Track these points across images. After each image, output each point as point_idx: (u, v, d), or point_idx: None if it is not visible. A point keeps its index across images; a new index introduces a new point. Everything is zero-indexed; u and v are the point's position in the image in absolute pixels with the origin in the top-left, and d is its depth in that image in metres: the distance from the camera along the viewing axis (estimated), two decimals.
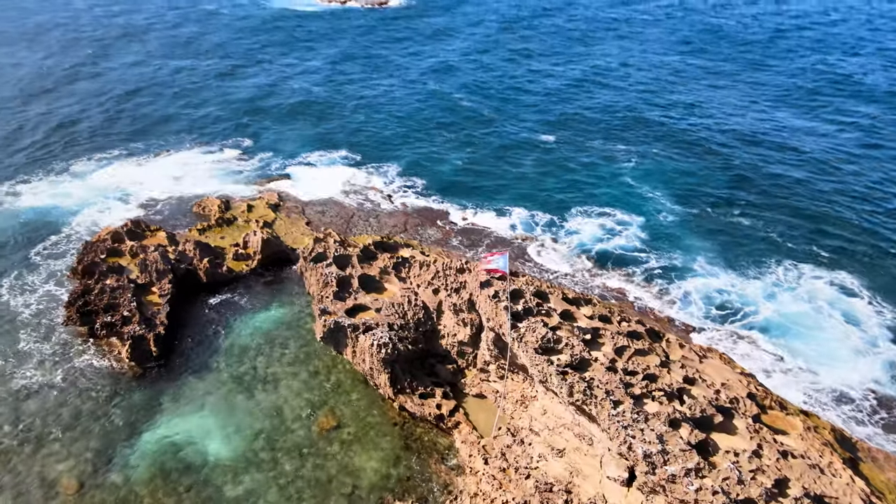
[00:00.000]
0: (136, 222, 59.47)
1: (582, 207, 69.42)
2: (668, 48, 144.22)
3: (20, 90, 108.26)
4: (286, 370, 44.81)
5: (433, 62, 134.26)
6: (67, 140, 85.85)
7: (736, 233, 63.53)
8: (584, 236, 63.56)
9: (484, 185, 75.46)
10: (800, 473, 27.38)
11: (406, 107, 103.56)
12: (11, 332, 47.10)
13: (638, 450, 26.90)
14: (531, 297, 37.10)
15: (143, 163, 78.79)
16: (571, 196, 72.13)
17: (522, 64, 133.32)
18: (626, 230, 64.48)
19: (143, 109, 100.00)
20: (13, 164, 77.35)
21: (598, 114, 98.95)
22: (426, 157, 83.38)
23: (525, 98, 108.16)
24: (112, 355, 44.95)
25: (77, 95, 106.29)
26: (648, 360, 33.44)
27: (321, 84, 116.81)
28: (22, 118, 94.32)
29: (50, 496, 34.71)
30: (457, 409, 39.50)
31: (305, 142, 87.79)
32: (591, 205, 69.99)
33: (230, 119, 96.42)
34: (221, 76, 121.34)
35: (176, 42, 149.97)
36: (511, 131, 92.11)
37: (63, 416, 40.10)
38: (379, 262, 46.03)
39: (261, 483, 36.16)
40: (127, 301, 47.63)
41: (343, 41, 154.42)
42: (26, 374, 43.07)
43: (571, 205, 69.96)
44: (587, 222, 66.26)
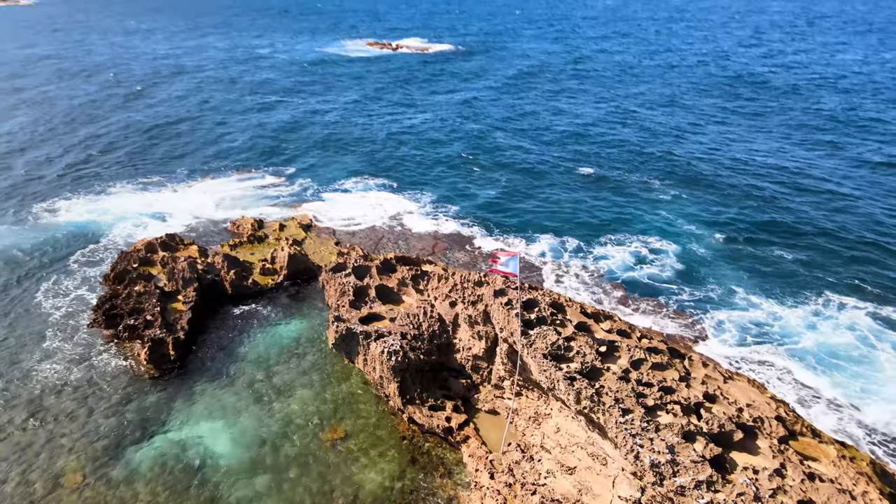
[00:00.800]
0: (170, 236, 61.05)
1: (614, 236, 68.01)
2: (704, 91, 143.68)
3: (71, 118, 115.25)
4: (300, 380, 44.42)
5: (472, 100, 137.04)
6: (112, 163, 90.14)
7: (773, 265, 60.89)
8: (614, 263, 61.94)
9: (515, 213, 74.96)
10: (827, 497, 25.04)
11: (443, 140, 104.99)
12: (40, 331, 48.61)
13: (645, 459, 25.14)
14: (546, 306, 35.92)
15: (183, 187, 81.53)
16: (604, 226, 70.82)
17: (559, 102, 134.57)
18: (658, 259, 62.58)
19: (187, 138, 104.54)
20: (60, 183, 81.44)
21: (636, 150, 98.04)
22: (460, 187, 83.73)
23: (562, 135, 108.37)
24: (131, 357, 45.49)
25: (123, 123, 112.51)
26: (666, 374, 31.67)
27: (361, 118, 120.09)
28: (69, 142, 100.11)
29: (53, 487, 34.71)
30: (467, 423, 38.13)
31: (342, 170, 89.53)
32: (624, 233, 68.52)
33: (272, 148, 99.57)
34: (266, 110, 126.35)
35: (224, 80, 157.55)
36: (546, 165, 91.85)
37: (77, 412, 40.50)
38: (398, 274, 45.66)
39: (262, 487, 35.42)
40: (151, 306, 48.46)
41: (386, 80, 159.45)
42: (46, 371, 44.08)
43: (603, 233, 68.63)
44: (618, 250, 64.69)
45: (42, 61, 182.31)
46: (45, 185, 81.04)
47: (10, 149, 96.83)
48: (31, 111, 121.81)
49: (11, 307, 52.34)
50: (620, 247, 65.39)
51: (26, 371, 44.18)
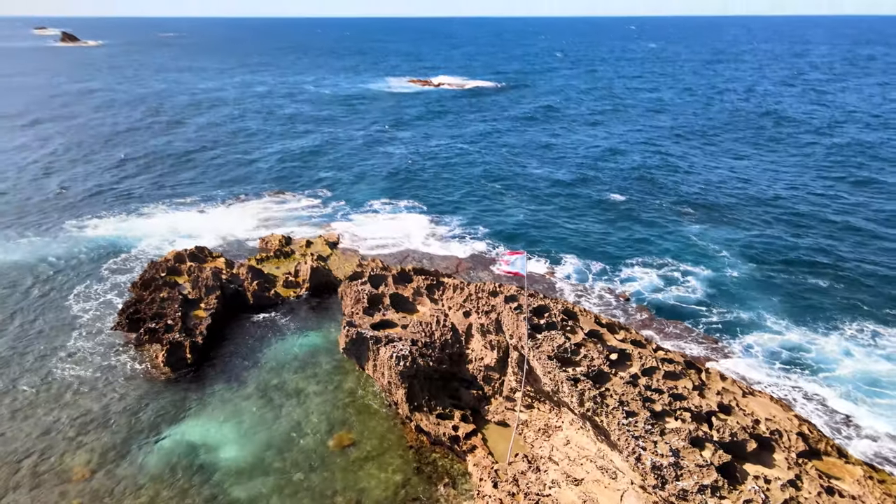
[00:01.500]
0: (199, 248, 62.50)
1: (641, 258, 66.70)
2: (738, 125, 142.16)
3: (111, 142, 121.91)
4: (314, 388, 44.27)
5: (504, 129, 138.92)
6: (145, 184, 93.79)
7: (806, 292, 58.47)
8: (641, 285, 60.51)
9: (542, 237, 74.35)
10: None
11: (474, 166, 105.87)
12: (67, 331, 50.11)
13: (647, 461, 23.91)
14: (557, 313, 35.13)
15: (215, 208, 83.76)
16: (632, 250, 69.53)
17: (591, 133, 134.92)
18: (687, 283, 60.86)
19: (222, 161, 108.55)
20: (93, 201, 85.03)
21: (668, 179, 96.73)
22: (490, 211, 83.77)
23: (593, 164, 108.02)
24: (150, 360, 46.18)
25: (161, 147, 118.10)
26: (679, 383, 30.37)
27: (395, 145, 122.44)
28: (106, 164, 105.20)
29: (61, 481, 35.02)
30: (475, 433, 37.16)
31: (373, 193, 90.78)
32: (652, 257, 67.06)
33: (305, 173, 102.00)
34: (302, 137, 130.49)
35: (264, 111, 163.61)
36: (576, 192, 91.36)
37: (92, 409, 41.10)
38: (414, 283, 45.50)
39: (265, 488, 35.05)
40: (173, 311, 49.34)
41: (422, 112, 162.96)
42: (67, 368, 45.12)
43: (630, 258, 67.33)
44: (646, 273, 63.25)
45: (93, 93, 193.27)
46: (80, 202, 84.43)
47: (50, 169, 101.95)
48: (73, 135, 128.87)
49: (42, 308, 54.19)
50: (648, 270, 63.97)
51: (48, 367, 45.43)
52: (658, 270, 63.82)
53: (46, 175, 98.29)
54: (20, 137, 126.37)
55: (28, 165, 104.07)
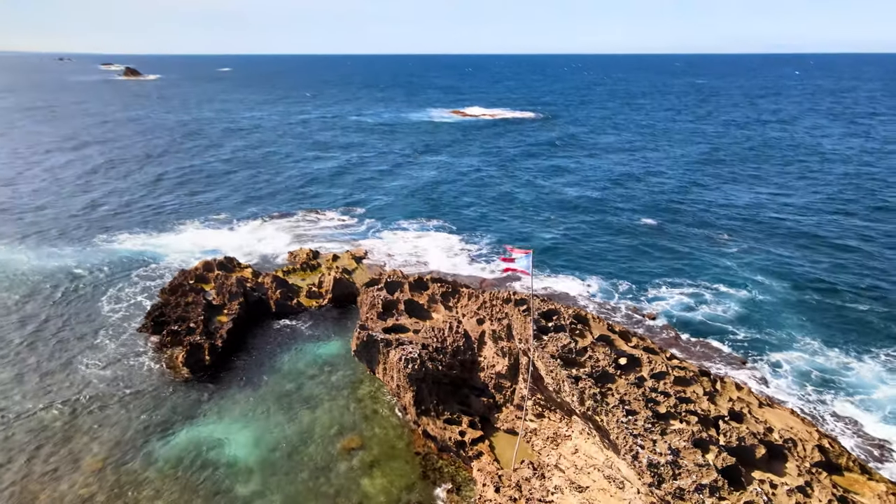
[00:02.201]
0: (228, 258, 63.92)
1: (671, 279, 65.10)
2: (776, 155, 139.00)
3: (148, 163, 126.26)
4: (327, 394, 44.28)
5: (539, 154, 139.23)
6: (178, 201, 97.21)
7: (843, 316, 56.00)
8: (669, 304, 58.94)
9: (570, 257, 73.50)
10: None
11: (507, 191, 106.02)
12: (96, 330, 51.93)
13: (644, 459, 22.93)
14: (567, 316, 34.45)
15: (248, 224, 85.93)
16: (662, 271, 67.95)
17: (627, 158, 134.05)
18: (717, 304, 58.99)
19: (256, 183, 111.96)
20: (135, 217, 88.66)
21: (702, 204, 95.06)
22: (517, 231, 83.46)
23: (627, 189, 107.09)
24: (170, 361, 47.07)
25: (197, 168, 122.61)
26: (689, 388, 29.21)
27: (431, 169, 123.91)
28: (141, 182, 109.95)
29: (72, 470, 35.71)
30: (482, 440, 36.40)
31: (405, 213, 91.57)
32: (683, 279, 65.42)
33: (338, 193, 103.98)
34: (337, 161, 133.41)
35: (303, 136, 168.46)
36: (611, 215, 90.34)
37: (110, 404, 42.03)
38: (429, 290, 45.39)
39: (270, 486, 35.02)
40: (196, 315, 50.36)
41: (459, 139, 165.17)
42: (91, 364, 46.63)
43: (660, 278, 65.84)
44: (675, 293, 61.66)
45: (138, 119, 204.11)
46: (115, 217, 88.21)
47: (89, 186, 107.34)
48: (114, 156, 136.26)
49: (73, 310, 56.34)
50: (677, 290, 62.36)
51: (73, 362, 47.00)
52: (687, 291, 62.18)
53: (85, 192, 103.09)
54: (66, 157, 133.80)
55: (69, 183, 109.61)
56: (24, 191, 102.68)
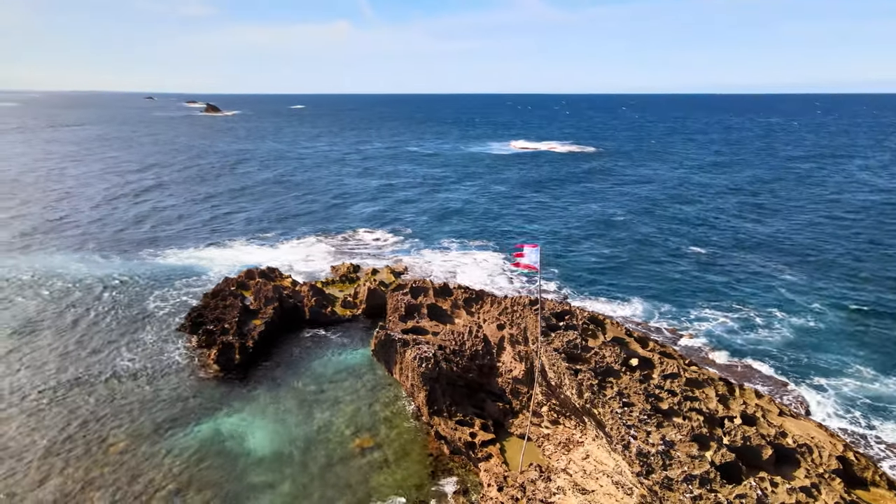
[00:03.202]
0: (271, 268, 66.00)
1: (717, 302, 62.51)
2: (846, 186, 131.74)
3: (206, 187, 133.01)
4: (349, 397, 44.64)
5: (593, 182, 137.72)
6: (232, 221, 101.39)
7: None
8: (712, 325, 56.51)
9: (615, 280, 71.78)
10: None
11: (556, 217, 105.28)
12: (138, 328, 54.81)
13: (634, 448, 21.92)
14: (581, 316, 33.66)
15: (295, 241, 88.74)
16: (708, 296, 65.27)
17: (680, 191, 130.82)
18: (765, 327, 56.17)
19: (310, 206, 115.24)
20: (187, 233, 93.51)
21: (752, 234, 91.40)
22: (565, 255, 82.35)
23: (677, 217, 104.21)
24: (203, 358, 48.72)
25: (253, 192, 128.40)
26: (700, 390, 27.84)
27: (483, 195, 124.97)
28: (196, 202, 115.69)
29: (97, 452, 37.26)
30: (493, 443, 35.64)
31: (449, 233, 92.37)
32: (729, 301, 62.74)
33: (389, 215, 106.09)
34: (392, 188, 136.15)
35: (363, 167, 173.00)
36: (660, 242, 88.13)
37: (141, 394, 43.85)
38: (453, 296, 45.36)
39: (282, 476, 35.54)
40: (231, 317, 52.06)
41: (516, 169, 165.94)
42: (129, 356, 49.19)
43: (705, 301, 63.34)
44: (719, 315, 59.13)
45: (202, 148, 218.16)
46: (167, 232, 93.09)
47: (146, 203, 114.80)
48: (175, 178, 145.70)
49: (122, 308, 59.74)
50: (722, 313, 59.77)
51: (112, 353, 49.81)
52: (733, 314, 59.48)
53: (141, 208, 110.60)
54: (130, 178, 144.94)
55: (128, 200, 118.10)
56: (88, 206, 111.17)
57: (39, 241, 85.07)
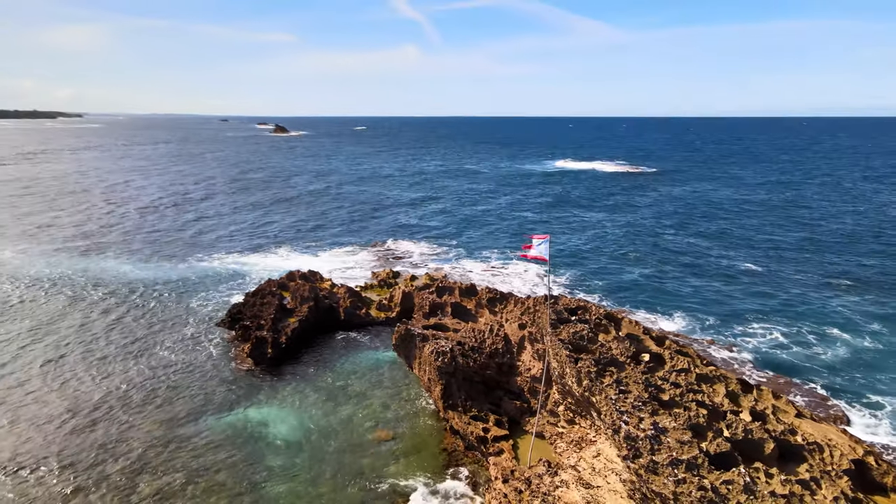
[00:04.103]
0: (312, 272, 67.87)
1: (766, 318, 60.10)
2: None
3: (260, 200, 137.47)
4: (374, 393, 45.30)
5: (643, 203, 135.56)
6: (280, 231, 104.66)
7: None
8: (758, 341, 54.22)
9: (657, 294, 69.90)
10: None
11: (603, 231, 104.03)
12: (180, 322, 57.65)
13: (622, 432, 21.50)
14: (596, 311, 33.24)
15: (339, 249, 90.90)
16: (757, 311, 62.55)
17: (734, 211, 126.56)
18: (817, 345, 53.38)
19: (358, 217, 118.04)
20: (236, 240, 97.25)
21: (819, 255, 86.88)
22: (609, 268, 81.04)
23: (736, 234, 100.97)
24: (238, 351, 50.63)
25: (306, 205, 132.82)
26: (708, 385, 26.97)
27: (530, 211, 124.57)
28: (248, 213, 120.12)
29: (129, 429, 39.24)
30: (506, 439, 35.40)
31: (494, 245, 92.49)
32: (781, 317, 60.14)
33: (435, 228, 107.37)
34: (445, 202, 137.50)
35: (419, 182, 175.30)
36: (710, 258, 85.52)
37: (177, 380, 46.04)
38: (478, 296, 45.54)
39: (299, 461, 36.43)
40: (268, 314, 53.84)
41: (568, 187, 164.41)
42: (168, 346, 51.98)
43: (754, 317, 60.84)
44: (768, 331, 56.67)
45: (261, 164, 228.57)
46: (216, 240, 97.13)
47: (198, 214, 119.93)
48: (227, 191, 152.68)
49: (167, 304, 62.86)
50: (771, 329, 57.21)
51: (154, 343, 52.70)
52: (784, 330, 56.91)
53: (195, 217, 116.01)
54: (189, 189, 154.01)
55: (185, 209, 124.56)
56: (145, 214, 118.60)
57: (98, 246, 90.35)
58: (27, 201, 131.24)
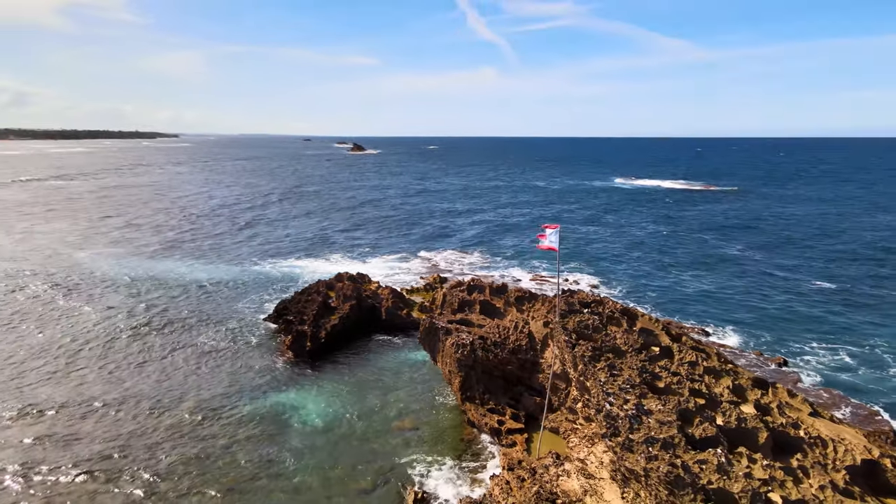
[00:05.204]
0: (361, 274, 69.92)
1: (833, 336, 56.85)
2: None
3: (323, 211, 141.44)
4: (403, 387, 46.36)
5: (707, 219, 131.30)
6: (336, 238, 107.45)
7: None
8: (818, 359, 51.38)
9: (713, 307, 67.47)
10: None
11: (662, 246, 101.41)
12: (230, 315, 61.05)
13: (604, 411, 21.38)
14: (611, 306, 32.95)
15: (392, 257, 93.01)
16: (822, 331, 58.93)
17: (808, 229, 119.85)
18: (886, 367, 49.92)
19: (414, 228, 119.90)
20: (294, 250, 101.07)
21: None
22: (665, 283, 78.88)
23: (811, 254, 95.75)
24: (280, 344, 52.96)
25: (365, 216, 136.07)
26: (710, 377, 26.27)
27: (591, 225, 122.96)
28: (308, 221, 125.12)
29: (172, 407, 41.90)
30: (521, 432, 35.39)
31: (549, 257, 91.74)
32: (851, 336, 56.74)
33: (489, 238, 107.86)
34: (504, 215, 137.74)
35: (483, 196, 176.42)
36: (775, 273, 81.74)
37: (219, 366, 48.75)
38: (507, 295, 45.81)
39: (319, 443, 37.83)
40: (311, 311, 56.00)
41: (630, 202, 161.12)
42: (216, 336, 55.25)
43: (817, 335, 57.55)
44: (832, 350, 53.58)
45: (329, 179, 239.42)
46: (273, 247, 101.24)
47: (258, 223, 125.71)
48: (291, 202, 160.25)
49: (220, 301, 66.61)
50: (836, 350, 53.94)
51: (202, 332, 56.19)
52: (852, 350, 53.56)
53: (255, 226, 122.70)
54: (257, 200, 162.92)
55: (248, 218, 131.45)
56: (213, 222, 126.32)
57: (165, 250, 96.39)
58: (109, 208, 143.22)
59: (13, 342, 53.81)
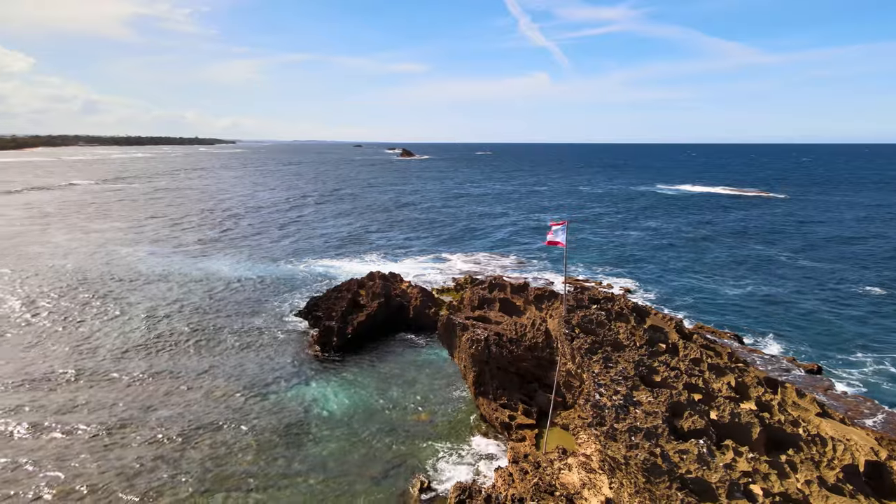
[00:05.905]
0: (393, 274, 71.02)
1: (882, 346, 54.47)
2: None
3: (361, 213, 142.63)
4: (424, 383, 47.07)
5: (759, 219, 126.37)
6: (370, 240, 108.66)
7: None
8: (861, 371, 49.40)
9: (753, 314, 65.39)
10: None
11: (705, 252, 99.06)
12: (263, 312, 62.86)
13: (591, 401, 21.49)
14: (623, 303, 32.81)
15: (427, 258, 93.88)
16: (867, 340, 56.67)
17: (861, 237, 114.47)
18: None
19: (452, 231, 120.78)
20: (329, 250, 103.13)
21: None
22: (706, 289, 76.95)
23: (859, 259, 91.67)
24: (308, 338, 54.50)
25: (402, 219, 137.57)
26: (711, 374, 25.94)
27: (635, 230, 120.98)
28: (348, 222, 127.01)
29: (205, 395, 43.80)
30: (532, 428, 35.50)
31: (587, 261, 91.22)
32: None
33: (526, 242, 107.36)
34: (546, 217, 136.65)
35: (526, 199, 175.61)
36: (825, 279, 78.79)
37: (248, 357, 50.57)
38: (527, 293, 45.96)
39: (339, 432, 38.90)
40: (339, 307, 57.38)
41: (669, 209, 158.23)
42: (247, 329, 57.40)
43: (863, 345, 55.28)
44: (877, 359, 51.46)
45: (371, 182, 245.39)
46: (308, 247, 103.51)
47: (296, 223, 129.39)
48: (330, 203, 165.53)
49: (254, 296, 68.82)
50: (882, 357, 51.83)
51: (233, 326, 58.35)
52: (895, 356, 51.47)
53: (292, 227, 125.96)
54: (301, 202, 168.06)
55: (287, 219, 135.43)
56: (257, 222, 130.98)
57: (208, 248, 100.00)
58: (158, 208, 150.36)
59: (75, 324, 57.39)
